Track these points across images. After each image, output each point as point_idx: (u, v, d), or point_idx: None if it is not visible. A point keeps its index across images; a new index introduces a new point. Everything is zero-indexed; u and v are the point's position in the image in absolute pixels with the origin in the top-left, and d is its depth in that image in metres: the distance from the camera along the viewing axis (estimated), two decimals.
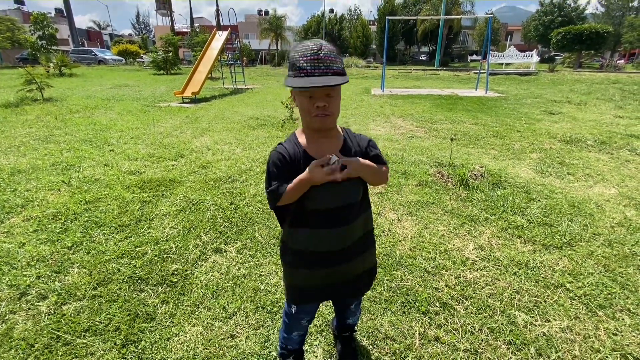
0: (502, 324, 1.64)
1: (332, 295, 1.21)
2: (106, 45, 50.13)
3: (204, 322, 1.66)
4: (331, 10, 41.27)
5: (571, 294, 1.85)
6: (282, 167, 0.98)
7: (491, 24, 11.04)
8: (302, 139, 1.03)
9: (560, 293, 1.86)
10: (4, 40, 20.25)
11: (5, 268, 2.00)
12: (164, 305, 1.77)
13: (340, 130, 1.07)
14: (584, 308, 1.76)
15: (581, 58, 22.71)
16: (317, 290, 1.15)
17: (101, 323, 1.64)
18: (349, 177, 0.97)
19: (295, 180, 0.96)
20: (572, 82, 13.55)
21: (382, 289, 1.88)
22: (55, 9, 58.24)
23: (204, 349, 1.52)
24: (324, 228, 1.04)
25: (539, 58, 19.93)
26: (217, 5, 23.97)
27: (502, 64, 19.81)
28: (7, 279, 1.90)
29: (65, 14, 35.35)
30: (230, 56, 13.13)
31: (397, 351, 1.50)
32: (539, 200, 2.95)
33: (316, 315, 1.68)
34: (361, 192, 1.09)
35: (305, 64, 0.87)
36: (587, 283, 1.94)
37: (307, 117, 0.95)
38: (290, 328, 1.27)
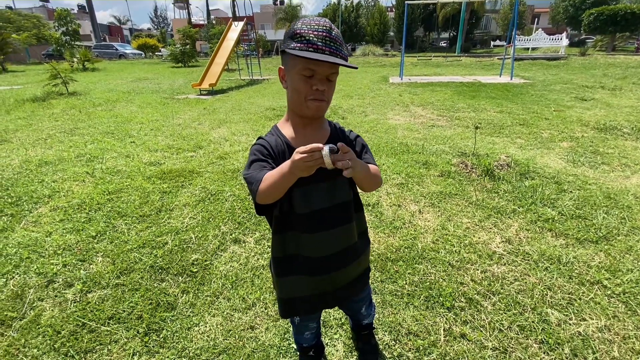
0: (533, 322, 1.55)
1: (329, 304, 1.13)
2: (126, 39, 51.23)
3: (223, 312, 1.66)
4: None
5: (609, 292, 1.73)
6: (263, 157, 0.88)
7: (517, 6, 10.46)
8: (285, 131, 0.94)
9: (597, 290, 1.74)
10: (30, 37, 21.01)
11: (33, 256, 2.07)
12: (185, 295, 1.78)
13: (327, 122, 0.99)
14: (623, 306, 1.64)
15: (615, 40, 21.30)
16: (313, 298, 1.05)
17: (124, 311, 1.67)
18: (337, 175, 0.82)
19: (277, 168, 0.81)
20: (606, 66, 12.75)
21: (404, 282, 1.82)
22: (78, 6, 59.93)
23: (224, 339, 1.51)
24: (314, 232, 0.95)
25: (568, 41, 18.84)
26: None
27: (529, 48, 18.86)
28: (35, 267, 1.97)
29: (87, 10, 36.27)
30: (246, 47, 13.10)
31: (421, 347, 1.44)
32: (571, 192, 2.79)
33: (336, 309, 1.65)
34: (351, 191, 1.01)
35: (315, 39, 0.77)
36: (626, 280, 1.81)
37: (300, 100, 0.85)
38: (299, 330, 1.23)
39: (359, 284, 1.14)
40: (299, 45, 0.78)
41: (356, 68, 0.85)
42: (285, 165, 0.78)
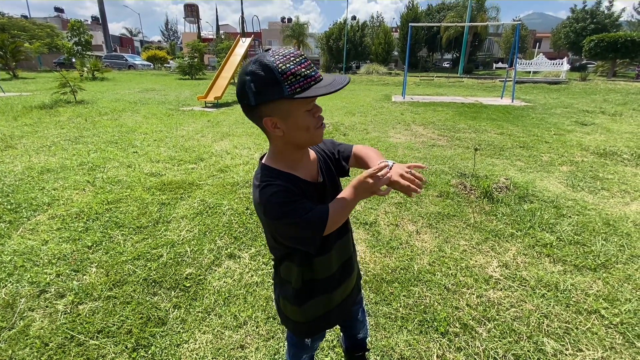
0: (528, 351, 1.52)
1: (341, 316, 1.13)
2: (137, 51, 52.41)
3: (214, 329, 1.64)
4: (353, 18, 41.45)
5: (606, 322, 1.70)
6: (297, 197, 0.81)
7: (519, 31, 10.69)
8: (283, 167, 0.85)
9: (594, 320, 1.71)
10: (42, 46, 21.55)
11: (27, 265, 2.06)
12: (176, 310, 1.76)
13: None
14: (621, 338, 1.61)
15: (616, 66, 21.63)
16: (329, 315, 1.05)
17: (114, 325, 1.65)
18: (335, 186, 0.94)
19: (339, 198, 0.82)
20: (606, 91, 12.90)
21: (399, 305, 1.80)
22: (92, 17, 61.80)
23: (212, 358, 1.49)
24: (325, 253, 0.94)
25: (569, 66, 19.14)
26: (242, 13, 24.59)
27: (530, 72, 19.16)
28: (29, 276, 1.96)
29: (100, 22, 37.32)
30: None
31: None
32: (570, 217, 2.78)
33: (327, 330, 1.62)
34: None
35: (308, 71, 0.73)
36: (624, 310, 1.78)
37: (309, 133, 0.80)
38: (300, 355, 1.20)
39: (357, 282, 1.15)
40: (298, 85, 0.71)
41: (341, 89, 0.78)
42: (349, 192, 0.82)
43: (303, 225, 0.78)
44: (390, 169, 0.81)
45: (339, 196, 0.83)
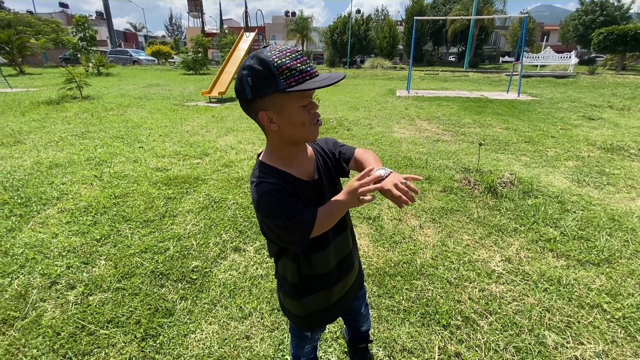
0: (529, 344, 1.54)
1: (342, 310, 1.15)
2: (141, 46, 52.47)
3: (220, 320, 1.68)
4: (358, 11, 41.04)
5: (608, 316, 1.71)
6: (291, 197, 0.81)
7: (526, 24, 10.53)
8: (279, 164, 0.86)
9: (596, 314, 1.72)
10: (48, 42, 21.67)
11: (38, 257, 2.12)
12: (183, 301, 1.80)
13: None
14: (623, 332, 1.62)
15: (625, 60, 21.26)
16: (331, 308, 1.07)
17: (123, 315, 1.69)
18: (337, 185, 0.98)
19: (330, 205, 0.82)
20: (615, 85, 12.70)
21: (401, 298, 1.82)
22: (96, 12, 61.95)
23: (219, 347, 1.53)
24: (323, 249, 0.96)
25: (577, 59, 18.84)
26: (246, 7, 24.52)
27: (537, 65, 18.90)
28: (40, 268, 2.01)
29: (104, 17, 37.41)
30: None
31: None
32: (575, 212, 2.77)
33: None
34: None
35: (304, 66, 0.74)
36: (627, 304, 1.78)
37: (305, 131, 0.81)
38: (302, 345, 1.23)
39: (358, 278, 1.17)
40: (293, 80, 0.72)
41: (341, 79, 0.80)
42: (340, 197, 0.81)
43: (290, 228, 0.79)
44: (387, 177, 0.80)
45: (331, 200, 0.84)
